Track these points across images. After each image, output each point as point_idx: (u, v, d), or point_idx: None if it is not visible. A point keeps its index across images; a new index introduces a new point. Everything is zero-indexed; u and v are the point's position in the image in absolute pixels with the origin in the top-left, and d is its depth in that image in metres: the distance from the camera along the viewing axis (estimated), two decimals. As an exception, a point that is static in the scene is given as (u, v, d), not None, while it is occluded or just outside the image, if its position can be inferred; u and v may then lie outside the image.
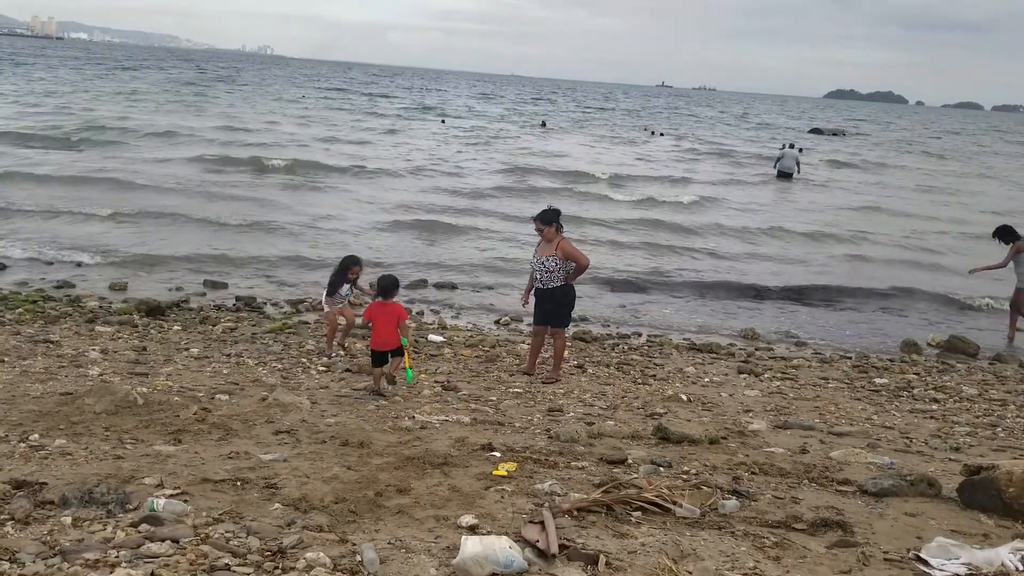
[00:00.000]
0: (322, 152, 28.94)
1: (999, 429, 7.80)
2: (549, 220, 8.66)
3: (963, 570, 4.27)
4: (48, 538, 4.09)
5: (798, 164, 31.09)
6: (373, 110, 53.91)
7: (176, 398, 6.81)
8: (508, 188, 24.48)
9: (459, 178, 25.84)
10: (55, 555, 3.89)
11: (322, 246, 15.56)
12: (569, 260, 8.60)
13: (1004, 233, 12.18)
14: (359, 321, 8.06)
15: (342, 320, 9.25)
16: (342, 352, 9.25)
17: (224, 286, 12.41)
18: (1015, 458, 6.38)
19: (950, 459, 6.58)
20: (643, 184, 27.28)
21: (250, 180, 22.26)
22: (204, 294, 11.94)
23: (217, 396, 7.15)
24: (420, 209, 20.08)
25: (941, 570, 4.28)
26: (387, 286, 7.98)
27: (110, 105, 40.22)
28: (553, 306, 8.70)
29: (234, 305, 11.37)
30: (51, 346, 8.72)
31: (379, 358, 7.86)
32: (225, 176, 22.52)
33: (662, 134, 51.12)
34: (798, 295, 14.39)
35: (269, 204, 19.00)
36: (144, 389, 6.90)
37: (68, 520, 4.31)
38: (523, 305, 9.21)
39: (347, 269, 9.19)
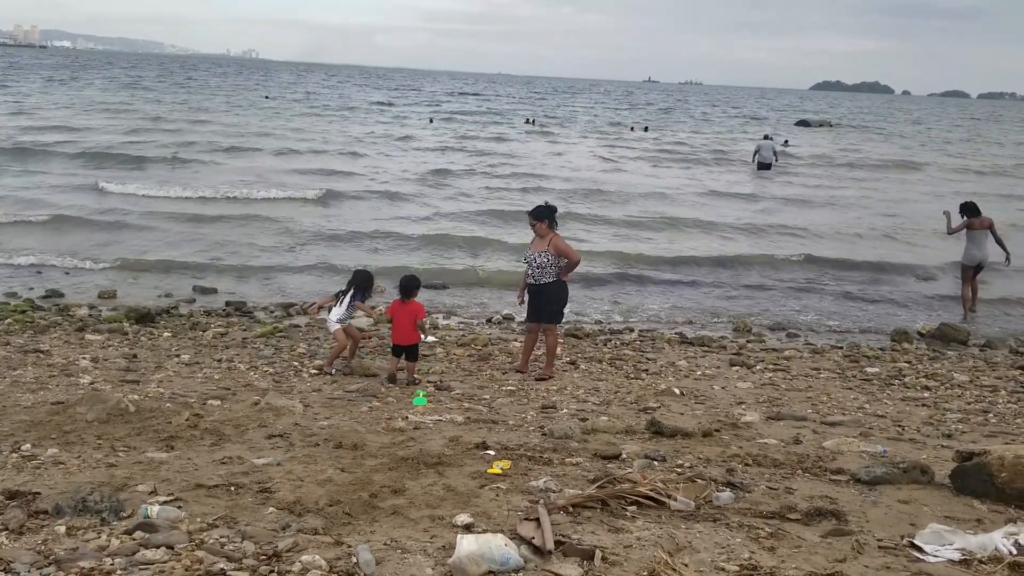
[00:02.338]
0: (313, 160, 28.82)
1: (990, 415, 7.85)
2: (542, 216, 8.67)
3: (957, 556, 4.29)
4: (43, 547, 4.08)
5: (775, 154, 31.72)
6: (359, 114, 53.69)
7: (168, 404, 6.78)
8: (495, 188, 24.47)
9: (447, 178, 25.79)
10: (50, 564, 3.88)
11: (316, 248, 15.56)
12: (561, 256, 8.61)
13: (965, 208, 13.04)
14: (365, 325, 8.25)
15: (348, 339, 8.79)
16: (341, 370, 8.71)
17: (213, 291, 12.37)
18: (1007, 443, 6.42)
19: (942, 446, 6.62)
20: (630, 180, 27.29)
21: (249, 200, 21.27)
22: (194, 300, 11.90)
23: (209, 401, 7.14)
24: (412, 211, 20.06)
25: (935, 556, 4.30)
26: (405, 285, 8.47)
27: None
28: (545, 302, 8.70)
29: (224, 310, 11.33)
30: (41, 356, 8.68)
31: (397, 351, 8.46)
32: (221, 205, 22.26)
33: (645, 129, 51.21)
34: (789, 287, 14.45)
35: (257, 218, 18.13)
36: (136, 396, 6.88)
37: (62, 529, 4.29)
38: (519, 303, 9.20)
39: (366, 288, 8.88)
